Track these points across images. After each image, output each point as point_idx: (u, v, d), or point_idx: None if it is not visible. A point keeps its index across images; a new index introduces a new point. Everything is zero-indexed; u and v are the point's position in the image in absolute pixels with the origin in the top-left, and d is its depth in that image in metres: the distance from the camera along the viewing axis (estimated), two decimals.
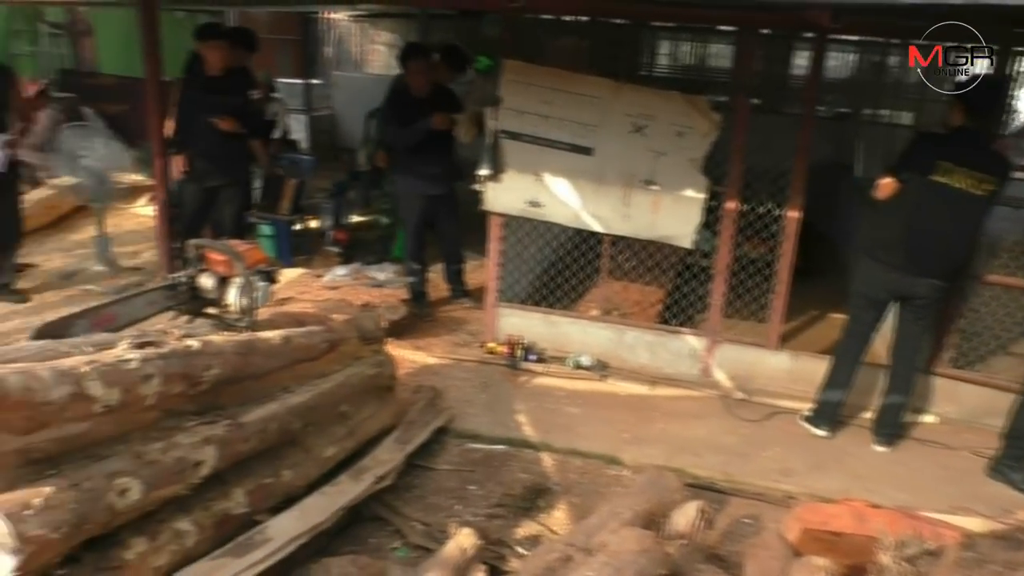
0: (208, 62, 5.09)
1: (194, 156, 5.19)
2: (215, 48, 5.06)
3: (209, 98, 5.07)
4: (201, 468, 2.25)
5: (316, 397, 2.95)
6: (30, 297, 5.01)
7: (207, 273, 2.96)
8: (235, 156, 5.33)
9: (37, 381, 1.78)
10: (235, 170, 5.36)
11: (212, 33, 5.24)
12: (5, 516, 1.62)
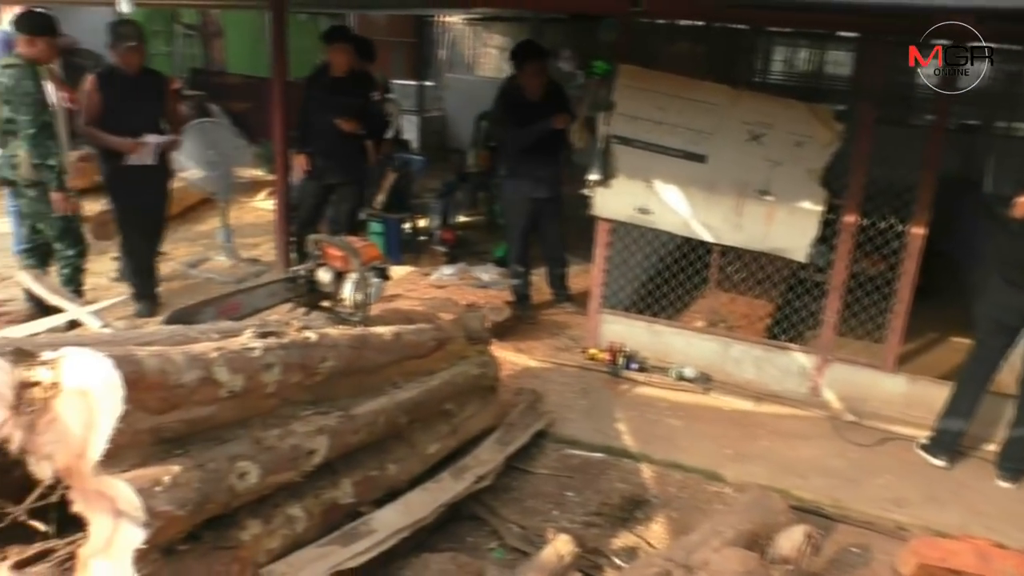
0: (333, 64, 5.29)
1: (314, 154, 5.38)
2: (341, 51, 5.27)
3: (332, 98, 5.26)
4: (314, 457, 2.32)
5: (423, 394, 3.00)
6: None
7: (325, 267, 3.06)
8: (353, 155, 5.51)
9: (171, 364, 1.88)
10: (353, 169, 5.53)
11: (340, 36, 5.43)
12: (137, 491, 1.71)
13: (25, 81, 4.21)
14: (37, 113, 4.24)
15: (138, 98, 4.62)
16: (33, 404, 1.79)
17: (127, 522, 1.71)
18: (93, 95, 4.57)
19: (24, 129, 4.26)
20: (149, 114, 4.74)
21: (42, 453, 1.80)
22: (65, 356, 1.77)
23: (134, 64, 4.60)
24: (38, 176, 4.35)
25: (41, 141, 4.27)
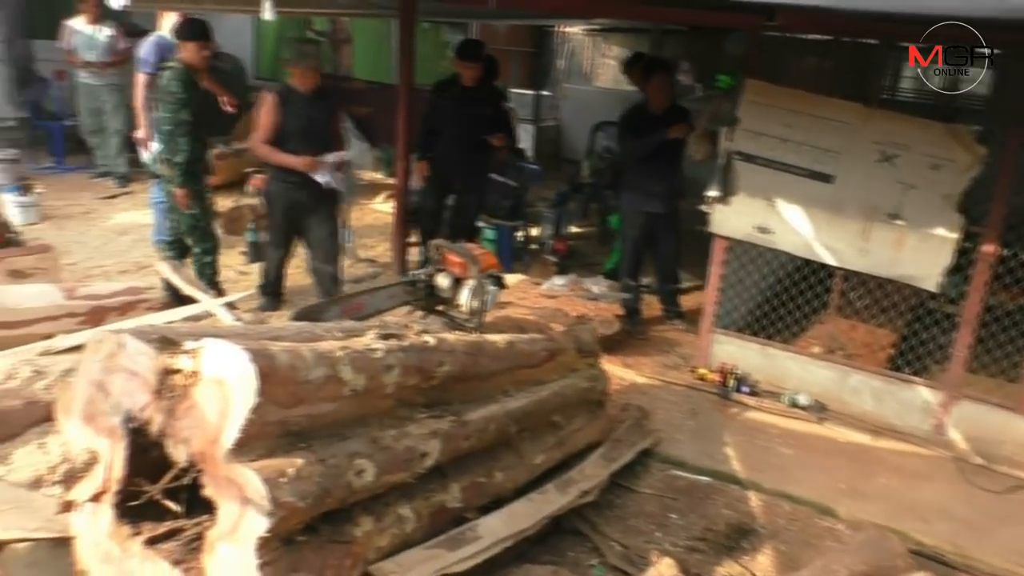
0: (464, 76, 5.39)
1: (438, 162, 5.50)
2: (473, 68, 5.35)
3: (463, 109, 5.36)
4: (426, 459, 2.36)
5: (532, 404, 3.01)
6: None
7: (444, 273, 3.12)
8: (477, 164, 5.61)
9: (301, 361, 1.95)
10: (475, 177, 5.64)
11: (474, 53, 5.47)
12: (264, 481, 1.78)
13: (174, 82, 4.48)
14: (175, 112, 4.49)
15: (313, 117, 4.63)
16: (174, 390, 1.89)
17: (253, 510, 1.78)
18: (270, 114, 4.56)
19: (161, 126, 4.57)
20: (323, 133, 4.73)
21: (179, 437, 1.90)
22: (205, 347, 1.86)
23: (311, 84, 4.58)
24: (165, 171, 4.64)
25: (173, 138, 4.52)
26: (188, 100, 4.52)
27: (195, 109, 4.57)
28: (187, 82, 4.53)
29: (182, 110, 4.51)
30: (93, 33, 7.46)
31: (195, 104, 4.59)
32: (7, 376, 2.97)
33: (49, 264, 4.19)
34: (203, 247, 4.87)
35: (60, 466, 2.80)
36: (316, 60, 4.61)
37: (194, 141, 4.59)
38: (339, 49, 10.47)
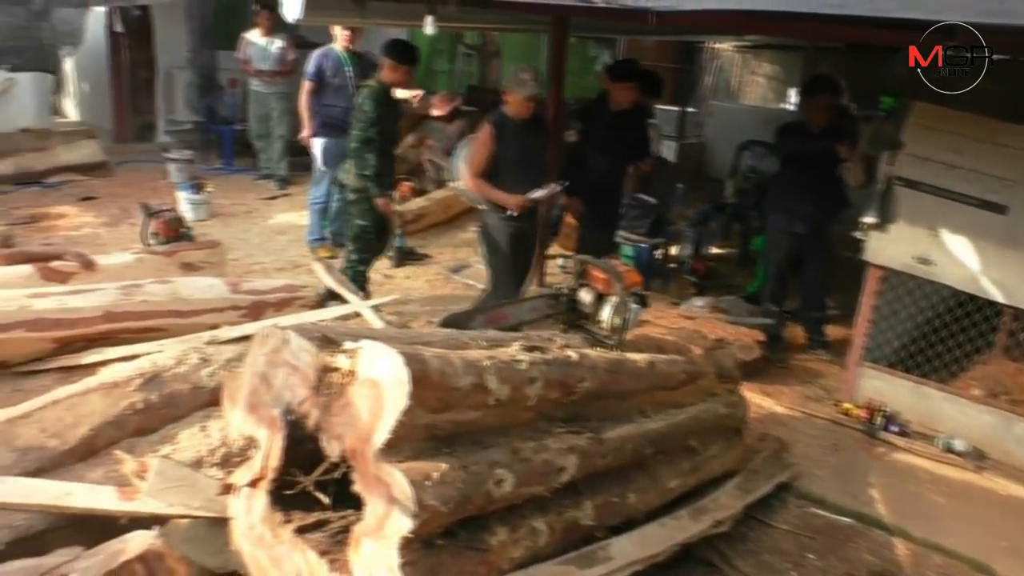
0: (616, 99, 5.09)
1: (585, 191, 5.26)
2: (627, 89, 5.07)
3: (612, 132, 5.15)
4: (563, 474, 2.36)
5: (669, 426, 2.95)
6: None
7: (587, 288, 3.12)
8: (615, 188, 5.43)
9: (451, 367, 2.00)
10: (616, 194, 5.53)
11: (629, 73, 5.24)
12: (410, 482, 1.83)
13: (367, 101, 4.73)
14: (364, 130, 4.72)
15: (529, 146, 4.50)
16: (331, 387, 1.98)
17: (398, 510, 1.84)
18: (486, 146, 4.45)
19: (352, 143, 4.81)
20: (539, 162, 4.62)
21: (333, 433, 1.99)
22: (363, 348, 1.94)
23: (527, 112, 4.41)
24: (360, 184, 4.86)
25: (361, 154, 4.75)
26: (377, 119, 4.72)
27: (384, 127, 4.77)
28: (380, 102, 4.74)
29: (371, 128, 4.71)
30: (266, 44, 7.99)
31: (385, 122, 4.79)
32: (177, 361, 3.20)
33: (217, 259, 4.49)
34: (361, 256, 5.06)
35: (219, 449, 2.98)
36: (535, 88, 4.38)
37: (380, 155, 4.78)
38: (488, 63, 10.72)
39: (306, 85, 6.26)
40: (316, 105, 6.25)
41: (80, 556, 2.08)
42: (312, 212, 6.48)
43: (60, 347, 3.30)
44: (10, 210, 6.42)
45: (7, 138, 7.65)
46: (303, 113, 6.35)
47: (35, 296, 3.34)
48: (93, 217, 6.90)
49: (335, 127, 6.04)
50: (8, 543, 2.43)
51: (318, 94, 6.26)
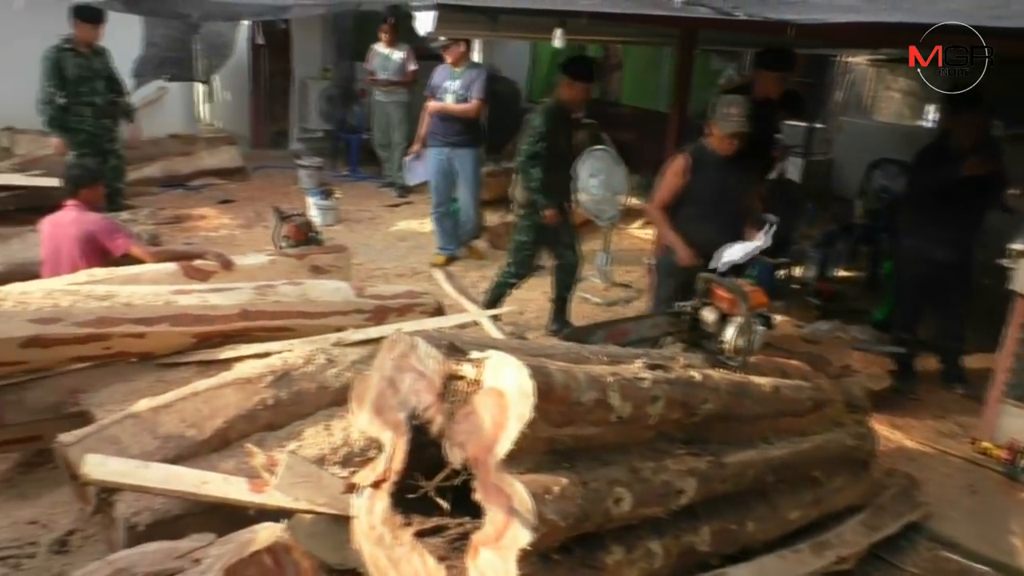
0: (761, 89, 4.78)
1: None
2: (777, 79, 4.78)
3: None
4: (681, 497, 2.31)
5: (793, 454, 2.84)
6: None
7: (710, 307, 3.05)
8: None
9: (575, 382, 2.00)
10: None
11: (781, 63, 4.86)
12: (531, 495, 1.83)
13: (539, 117, 4.80)
14: (531, 144, 4.76)
15: (728, 185, 4.05)
16: (456, 395, 2.02)
17: (518, 521, 1.84)
18: (676, 177, 4.12)
19: (519, 156, 4.87)
20: (731, 207, 4.10)
21: (456, 440, 2.02)
22: (490, 358, 1.96)
23: (730, 150, 4.02)
24: (526, 199, 4.92)
25: (527, 168, 4.80)
26: (545, 135, 4.72)
27: (554, 143, 4.76)
28: (552, 118, 4.76)
29: (538, 143, 4.72)
30: (388, 54, 8.27)
31: (556, 137, 4.77)
32: (305, 361, 3.34)
33: (343, 263, 4.65)
34: (514, 270, 5.09)
35: (341, 448, 3.09)
36: (740, 125, 3.93)
37: (548, 170, 4.76)
38: (609, 75, 10.69)
39: (429, 103, 6.52)
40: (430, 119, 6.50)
41: (213, 542, 2.18)
42: (433, 220, 6.69)
43: (199, 342, 3.49)
44: (157, 211, 6.86)
45: (156, 143, 8.19)
46: (419, 129, 6.67)
47: (179, 293, 3.55)
48: (230, 219, 7.29)
49: (436, 138, 6.44)
50: (148, 525, 2.59)
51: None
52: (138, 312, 3.33)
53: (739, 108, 3.94)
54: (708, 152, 4.10)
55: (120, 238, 4.09)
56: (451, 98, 6.38)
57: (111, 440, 2.82)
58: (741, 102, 3.97)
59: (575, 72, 4.78)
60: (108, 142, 6.43)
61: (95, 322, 3.21)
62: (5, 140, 7.70)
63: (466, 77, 6.42)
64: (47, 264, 4.16)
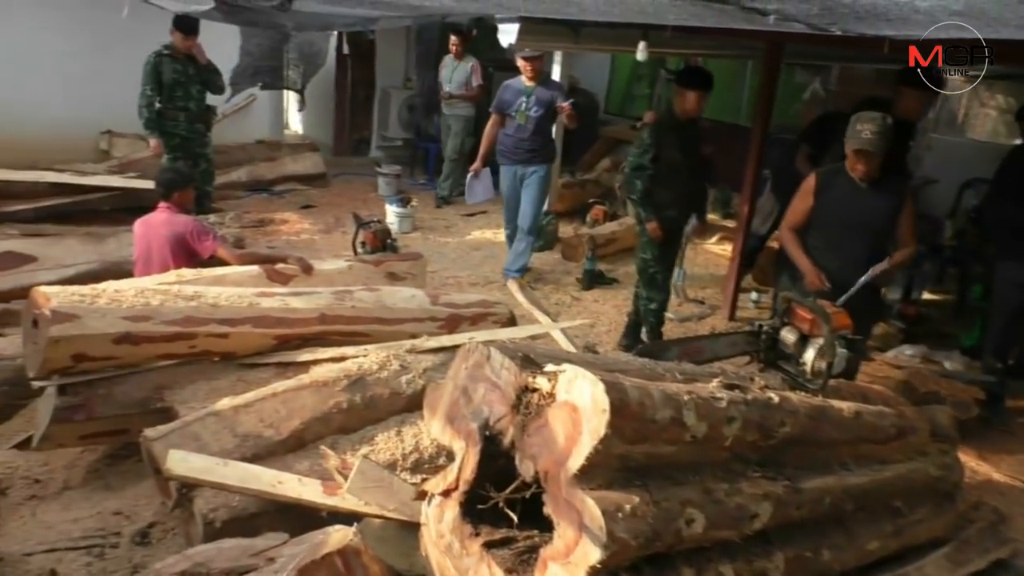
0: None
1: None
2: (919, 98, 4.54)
3: None
4: (755, 521, 2.25)
5: (873, 483, 2.74)
6: None
7: (790, 327, 2.97)
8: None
9: (650, 399, 1.97)
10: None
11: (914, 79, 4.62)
12: (602, 512, 1.81)
13: (647, 129, 4.73)
14: (637, 156, 4.70)
15: (866, 209, 3.75)
16: (529, 408, 2.01)
17: (588, 538, 1.83)
18: (806, 198, 3.92)
19: (625, 168, 4.83)
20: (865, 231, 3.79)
21: (527, 453, 2.01)
22: (565, 371, 1.95)
23: (864, 171, 3.70)
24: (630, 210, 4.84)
25: (631, 180, 4.74)
26: (653, 146, 4.63)
27: (665, 155, 4.61)
28: (662, 129, 4.66)
29: (645, 155, 4.64)
30: (453, 67, 8.37)
31: (667, 150, 4.62)
32: (379, 366, 3.39)
33: (419, 271, 4.71)
34: (648, 293, 4.91)
35: (411, 455, 3.14)
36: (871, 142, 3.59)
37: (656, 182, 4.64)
38: None
39: (492, 117, 6.36)
40: (500, 136, 6.29)
41: (286, 542, 2.23)
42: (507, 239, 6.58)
43: (279, 344, 3.58)
44: (242, 214, 7.08)
45: (244, 148, 8.47)
46: (482, 145, 6.46)
47: (262, 295, 3.65)
48: (310, 224, 7.47)
49: (505, 156, 6.25)
50: (224, 521, 2.67)
51: (503, 126, 6.27)
52: (223, 313, 3.43)
53: (873, 125, 3.58)
54: (842, 174, 3.80)
55: (208, 240, 4.23)
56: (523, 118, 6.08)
57: (193, 437, 2.92)
58: (877, 120, 3.59)
59: (685, 80, 4.68)
60: (200, 146, 6.69)
61: (182, 321, 3.32)
62: (104, 143, 8.06)
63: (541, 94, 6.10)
64: (139, 263, 4.34)
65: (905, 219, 3.78)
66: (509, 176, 6.31)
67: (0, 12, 7.40)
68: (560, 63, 6.99)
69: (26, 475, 3.40)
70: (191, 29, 6.27)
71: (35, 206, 6.57)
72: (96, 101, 7.75)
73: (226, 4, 3.88)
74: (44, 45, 7.58)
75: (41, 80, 7.61)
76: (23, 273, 4.75)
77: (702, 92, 4.61)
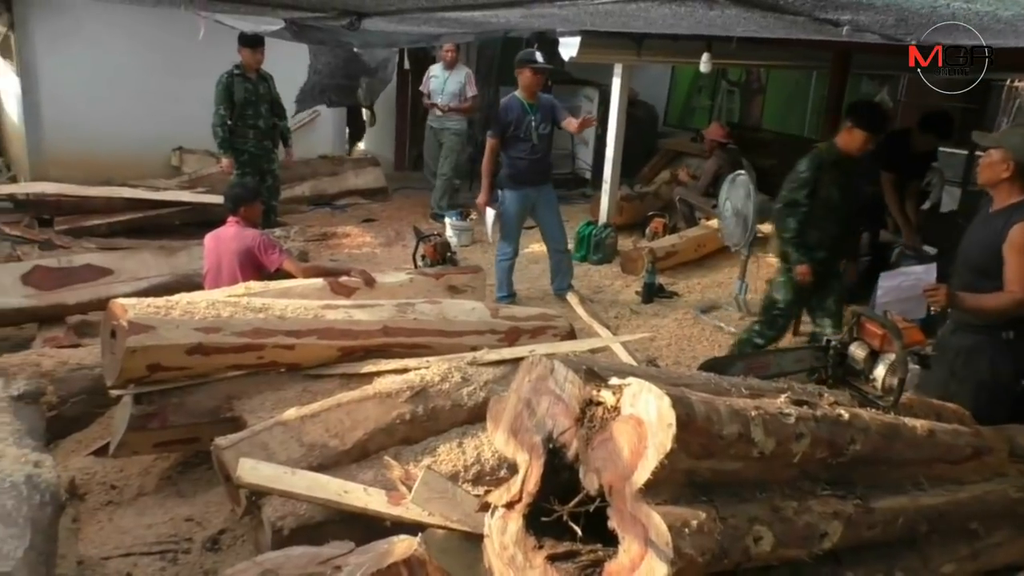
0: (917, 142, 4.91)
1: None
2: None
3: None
4: (824, 541, 2.20)
5: (948, 503, 2.65)
6: None
7: (859, 343, 2.90)
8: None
9: (716, 414, 1.95)
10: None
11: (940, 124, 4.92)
12: (669, 527, 1.80)
13: (804, 161, 4.34)
14: (791, 191, 4.33)
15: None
16: (594, 421, 2.01)
17: (654, 553, 1.81)
18: None
19: (777, 203, 4.44)
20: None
21: (592, 466, 2.01)
22: (630, 385, 1.95)
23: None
24: (780, 250, 4.53)
25: (783, 216, 4.38)
26: (808, 182, 4.27)
27: (823, 193, 4.28)
28: (821, 165, 4.29)
29: (799, 191, 4.29)
30: (446, 76, 8.22)
31: (825, 188, 4.28)
32: (441, 378, 3.42)
33: (478, 284, 4.75)
34: (761, 328, 4.66)
35: (472, 466, 3.15)
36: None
37: (808, 221, 4.30)
38: (750, 99, 10.45)
39: (488, 143, 5.85)
40: (504, 159, 5.83)
41: (353, 551, 2.26)
42: (499, 269, 6.07)
43: (343, 355, 3.65)
44: (306, 228, 7.24)
45: (308, 163, 8.67)
46: (483, 176, 5.96)
47: (327, 308, 3.72)
48: (371, 238, 7.60)
49: (516, 181, 5.82)
50: (292, 529, 2.72)
51: (505, 148, 5.79)
52: (289, 325, 3.51)
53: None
54: None
55: (275, 254, 4.34)
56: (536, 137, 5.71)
57: (261, 446, 2.99)
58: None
59: (860, 119, 4.21)
60: (267, 163, 6.88)
61: (251, 332, 3.41)
62: (175, 159, 8.35)
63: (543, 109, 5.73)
64: (209, 275, 4.48)
65: None
66: (520, 201, 5.87)
67: (79, 36, 7.74)
68: (620, 76, 6.96)
69: (103, 481, 3.52)
70: (255, 42, 6.45)
71: (110, 221, 6.85)
72: (168, 119, 8.05)
73: (296, 24, 3.99)
74: (119, 67, 7.92)
75: (117, 100, 7.94)
76: (100, 285, 4.94)
77: (875, 135, 4.26)
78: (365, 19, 3.37)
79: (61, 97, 7.81)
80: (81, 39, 7.76)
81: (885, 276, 3.51)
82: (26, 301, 4.73)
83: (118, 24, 7.72)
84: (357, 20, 3.36)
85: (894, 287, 3.66)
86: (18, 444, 2.59)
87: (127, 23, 7.70)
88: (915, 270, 3.47)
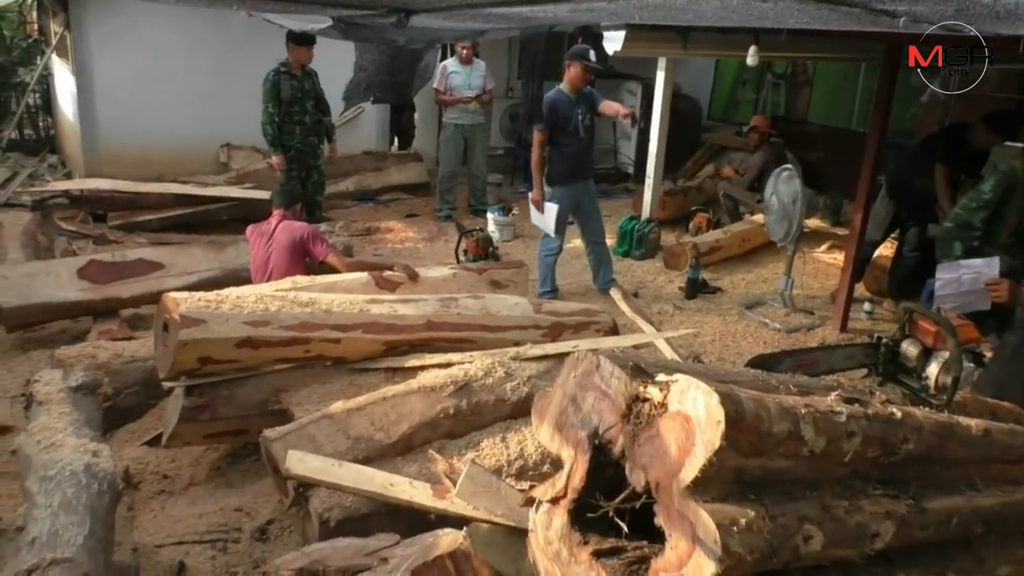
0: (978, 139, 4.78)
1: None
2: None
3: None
4: (876, 541, 2.16)
5: (1004, 505, 2.58)
6: None
7: (912, 340, 2.85)
8: None
9: (766, 411, 1.92)
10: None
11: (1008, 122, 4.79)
12: (717, 524, 1.78)
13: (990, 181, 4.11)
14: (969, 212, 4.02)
15: None
16: (640, 418, 1.99)
17: (702, 551, 1.79)
18: None
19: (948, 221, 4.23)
20: None
21: (638, 463, 1.99)
22: (678, 381, 1.93)
23: None
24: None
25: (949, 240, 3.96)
26: (991, 204, 3.90)
27: (1010, 218, 3.97)
28: (1008, 187, 3.93)
29: (976, 213, 3.95)
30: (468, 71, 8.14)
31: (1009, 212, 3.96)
32: (485, 373, 3.44)
33: (521, 279, 4.76)
34: None
35: (515, 461, 3.16)
36: None
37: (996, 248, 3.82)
38: (796, 92, 10.28)
39: (536, 137, 5.74)
40: (551, 154, 5.75)
41: (399, 543, 2.29)
42: (542, 264, 6.06)
43: (388, 349, 3.68)
44: (350, 223, 7.31)
45: (352, 159, 8.75)
46: (533, 172, 5.87)
47: (371, 302, 3.76)
48: (414, 232, 7.64)
49: (566, 176, 5.77)
50: (338, 521, 2.76)
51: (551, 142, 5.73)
52: (335, 319, 3.55)
53: None
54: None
55: (322, 245, 4.42)
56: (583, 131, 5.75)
57: (308, 438, 3.03)
58: None
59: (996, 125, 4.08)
60: (313, 158, 6.96)
61: (298, 326, 3.46)
62: (223, 155, 8.50)
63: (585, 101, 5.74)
64: (254, 265, 4.56)
65: None
66: (569, 197, 5.83)
67: (132, 36, 7.92)
68: (664, 69, 6.89)
69: (156, 471, 3.61)
70: (306, 40, 6.52)
71: (161, 216, 7.00)
72: (216, 116, 8.20)
73: (343, 21, 4.03)
74: (170, 66, 8.08)
75: (167, 98, 8.11)
76: (152, 279, 5.05)
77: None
78: (413, 16, 3.39)
79: (115, 96, 8.01)
80: (134, 39, 7.94)
81: (943, 268, 3.36)
82: (82, 295, 4.86)
83: (169, 24, 7.89)
84: (405, 17, 3.38)
85: (953, 280, 3.55)
86: (77, 434, 2.67)
87: (178, 24, 7.86)
88: (975, 263, 3.34)
